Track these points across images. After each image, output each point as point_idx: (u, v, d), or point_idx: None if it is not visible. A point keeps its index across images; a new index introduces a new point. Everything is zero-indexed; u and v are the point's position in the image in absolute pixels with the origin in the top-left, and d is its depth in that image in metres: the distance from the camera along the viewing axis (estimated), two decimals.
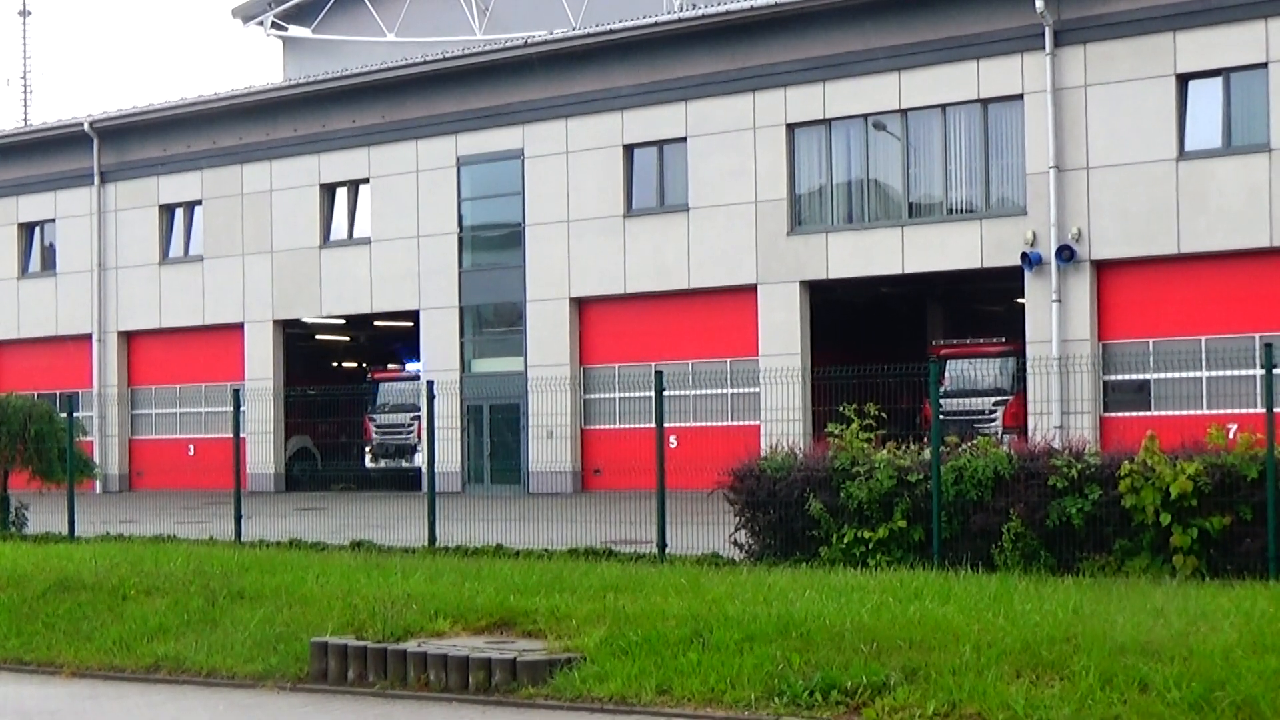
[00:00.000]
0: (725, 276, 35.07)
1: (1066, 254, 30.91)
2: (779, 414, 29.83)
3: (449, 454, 34.17)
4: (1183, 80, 30.34)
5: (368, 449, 41.52)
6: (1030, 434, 28.08)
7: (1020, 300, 32.45)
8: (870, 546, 17.17)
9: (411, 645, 13.52)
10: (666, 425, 19.89)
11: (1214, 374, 29.85)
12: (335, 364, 48.63)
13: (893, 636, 12.15)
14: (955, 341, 35.49)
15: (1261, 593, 13.60)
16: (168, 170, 44.08)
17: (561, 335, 37.35)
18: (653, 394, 19.56)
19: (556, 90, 37.48)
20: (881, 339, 37.13)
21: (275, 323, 42.32)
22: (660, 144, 36.30)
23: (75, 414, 27.28)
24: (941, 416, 18.03)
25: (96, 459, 39.59)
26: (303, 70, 46.62)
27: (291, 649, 14.13)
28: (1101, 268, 31.20)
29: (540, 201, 37.71)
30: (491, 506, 26.50)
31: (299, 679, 13.76)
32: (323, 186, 41.45)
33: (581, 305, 37.48)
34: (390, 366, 44.13)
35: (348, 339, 48.22)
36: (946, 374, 32.29)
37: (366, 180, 40.78)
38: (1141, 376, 30.90)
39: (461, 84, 38.96)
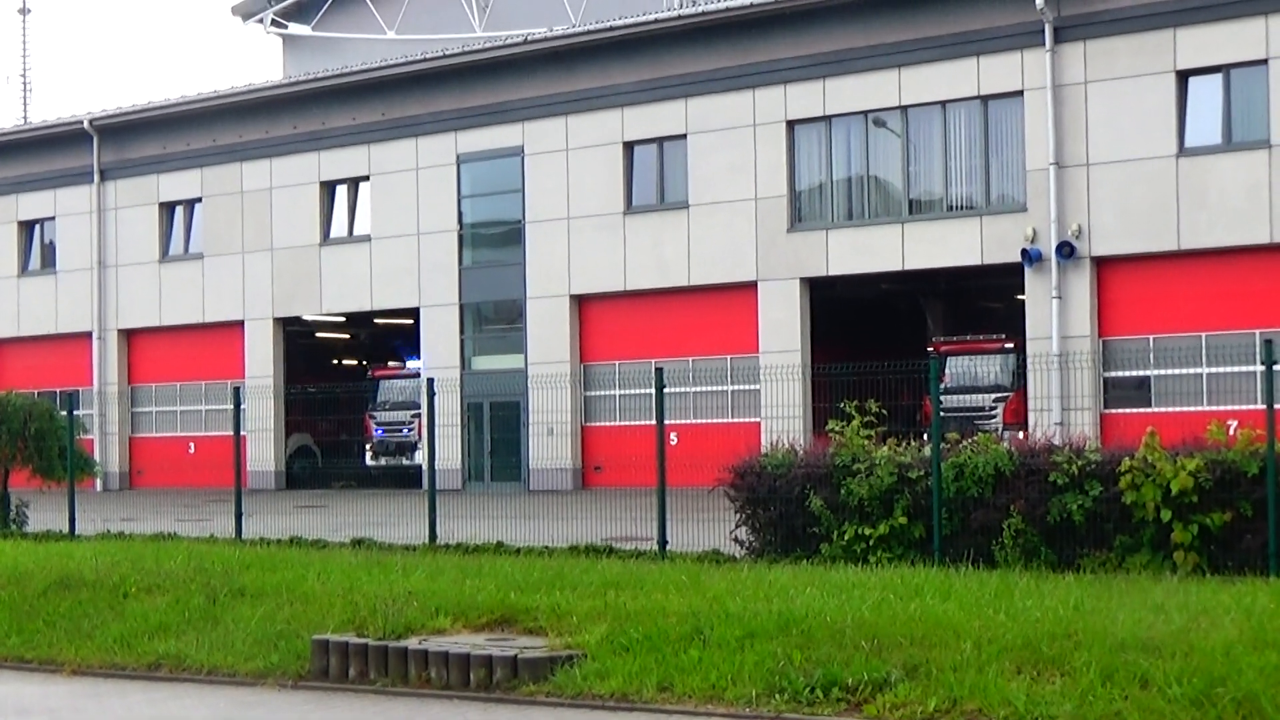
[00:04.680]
0: (725, 273, 35.07)
1: (1067, 250, 30.91)
2: (779, 411, 29.82)
3: (449, 451, 34.17)
4: (1183, 77, 30.34)
5: (368, 446, 41.51)
6: (1031, 430, 28.13)
7: (1020, 297, 32.45)
8: (871, 543, 17.17)
9: (412, 643, 13.51)
10: (667, 422, 19.89)
11: (1214, 370, 29.86)
12: (335, 361, 48.61)
13: (894, 633, 12.15)
14: (955, 338, 35.46)
15: (1262, 589, 13.59)
16: (167, 168, 44.06)
17: (562, 332, 37.34)
18: (653, 391, 19.56)
19: (556, 87, 37.47)
20: (882, 336, 37.11)
21: (275, 320, 42.31)
22: (660, 141, 36.29)
23: (75, 412, 27.24)
24: (942, 413, 18.03)
25: (97, 457, 39.59)
26: (302, 68, 46.62)
27: (292, 647, 14.13)
28: (1102, 264, 31.20)
29: (540, 199, 37.69)
30: (492, 504, 26.58)
31: (300, 677, 13.75)
32: (323, 184, 41.44)
33: (582, 302, 37.47)
34: (391, 364, 44.10)
35: (348, 336, 48.22)
36: (947, 371, 32.27)
37: (366, 178, 40.77)
38: (1142, 373, 30.93)
39: (461, 81, 38.93)
